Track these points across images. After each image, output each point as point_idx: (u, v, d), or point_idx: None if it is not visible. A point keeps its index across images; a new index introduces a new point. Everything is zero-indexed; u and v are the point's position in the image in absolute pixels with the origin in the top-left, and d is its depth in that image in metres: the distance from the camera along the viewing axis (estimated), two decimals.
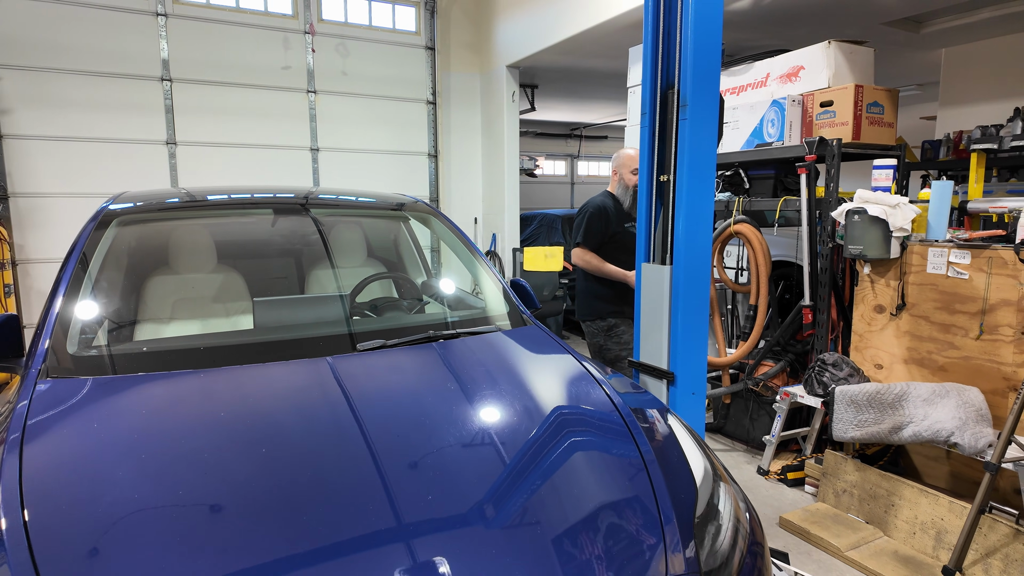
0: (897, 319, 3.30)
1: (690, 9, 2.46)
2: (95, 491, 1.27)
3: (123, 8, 5.52)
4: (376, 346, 1.94)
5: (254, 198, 2.75)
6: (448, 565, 1.16)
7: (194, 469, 1.35)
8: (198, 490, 1.29)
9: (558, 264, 6.16)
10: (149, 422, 1.52)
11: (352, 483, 1.33)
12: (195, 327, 2.22)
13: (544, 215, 7.90)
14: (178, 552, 1.13)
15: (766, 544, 1.56)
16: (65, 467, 1.34)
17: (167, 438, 1.46)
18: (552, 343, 2.20)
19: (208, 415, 1.57)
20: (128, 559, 1.11)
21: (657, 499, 1.44)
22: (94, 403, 1.59)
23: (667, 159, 2.67)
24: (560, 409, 1.76)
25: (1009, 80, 5.50)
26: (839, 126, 3.58)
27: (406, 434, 1.54)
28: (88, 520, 1.19)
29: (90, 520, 1.19)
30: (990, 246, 2.93)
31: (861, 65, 3.78)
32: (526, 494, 1.38)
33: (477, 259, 2.70)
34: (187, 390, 1.66)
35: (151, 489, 1.28)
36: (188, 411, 1.58)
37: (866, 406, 2.97)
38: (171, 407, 1.60)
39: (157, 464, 1.36)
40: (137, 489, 1.28)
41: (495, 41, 6.87)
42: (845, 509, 3.12)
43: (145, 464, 1.35)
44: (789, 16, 4.85)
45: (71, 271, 2.02)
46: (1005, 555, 2.48)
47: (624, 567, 1.28)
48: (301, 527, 1.21)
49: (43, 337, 1.81)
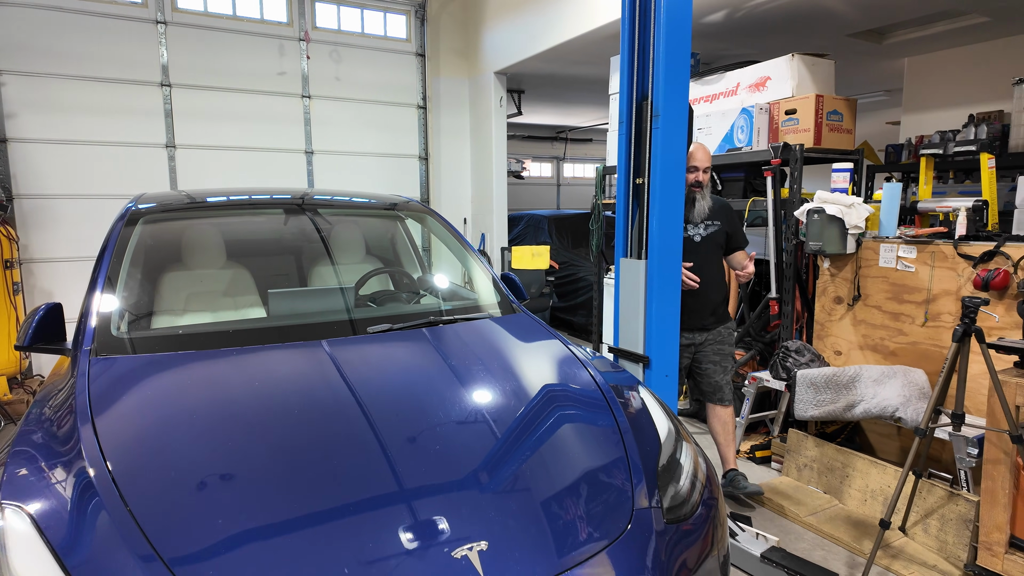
0: (853, 309, 3.61)
1: (662, 30, 2.74)
2: (157, 444, 1.52)
3: (124, 16, 5.72)
4: (384, 329, 2.19)
5: (264, 199, 2.99)
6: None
7: (236, 426, 1.60)
8: (241, 442, 1.54)
9: (544, 262, 6.46)
10: (193, 389, 1.77)
11: (365, 442, 1.58)
12: (218, 313, 2.46)
13: (531, 216, 8.18)
14: (231, 488, 1.39)
15: (720, 490, 1.84)
16: (128, 427, 1.58)
17: (210, 402, 1.71)
18: (540, 329, 2.46)
19: (242, 384, 1.82)
20: (195, 495, 1.36)
21: (628, 457, 1.71)
22: (143, 376, 1.83)
23: (642, 164, 2.95)
24: (548, 386, 2.02)
25: (966, 88, 5.87)
26: (802, 132, 3.89)
27: (410, 403, 1.80)
28: (157, 466, 1.44)
29: (158, 465, 1.44)
30: (933, 242, 3.25)
31: (822, 76, 4.09)
32: (518, 458, 1.63)
33: (469, 254, 2.96)
34: (221, 365, 1.91)
35: (202, 442, 1.53)
36: (226, 381, 1.83)
37: (824, 387, 3.28)
38: (210, 378, 1.85)
39: (205, 422, 1.61)
40: (191, 442, 1.52)
41: (483, 48, 7.14)
42: (806, 482, 3.42)
43: (195, 422, 1.60)
44: (760, 28, 5.16)
45: (108, 263, 2.26)
46: (941, 515, 2.79)
47: (600, 509, 1.54)
48: (329, 470, 1.46)
49: (89, 321, 2.04)
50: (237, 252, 2.73)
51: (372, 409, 1.70)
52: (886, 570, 2.68)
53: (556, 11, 5.71)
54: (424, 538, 1.32)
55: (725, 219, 3.27)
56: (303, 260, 2.88)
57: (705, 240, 3.22)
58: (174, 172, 6.04)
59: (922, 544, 2.84)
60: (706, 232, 3.23)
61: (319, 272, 2.84)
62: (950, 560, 2.71)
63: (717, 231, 3.24)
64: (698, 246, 3.21)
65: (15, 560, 1.18)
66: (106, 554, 1.20)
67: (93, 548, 1.22)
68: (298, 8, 6.47)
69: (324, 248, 2.89)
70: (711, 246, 3.23)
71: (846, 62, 6.48)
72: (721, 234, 3.25)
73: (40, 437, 1.55)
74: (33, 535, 1.23)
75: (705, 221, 3.23)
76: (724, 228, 3.25)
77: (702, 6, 4.64)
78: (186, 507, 1.34)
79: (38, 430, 1.58)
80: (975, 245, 3.08)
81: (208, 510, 1.33)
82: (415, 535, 1.33)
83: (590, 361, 2.20)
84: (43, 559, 1.19)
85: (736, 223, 3.34)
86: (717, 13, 4.83)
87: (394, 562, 1.27)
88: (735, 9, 4.75)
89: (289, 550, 1.26)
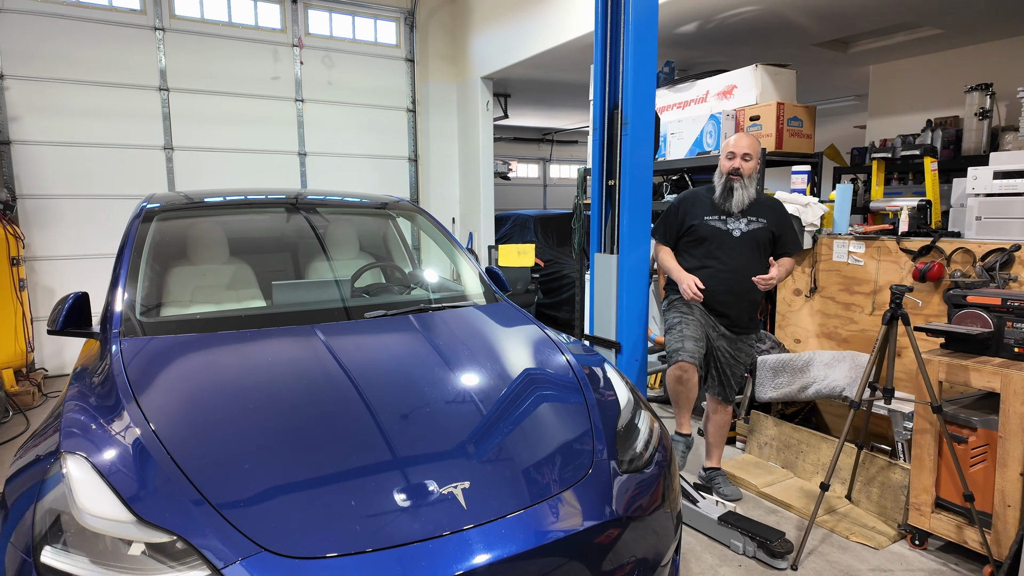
0: (810, 300, 3.93)
1: (630, 48, 3.04)
2: (188, 408, 1.78)
3: (123, 23, 5.93)
4: (380, 314, 2.46)
5: (267, 199, 3.26)
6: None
7: (255, 394, 1.87)
8: (261, 406, 1.81)
9: (530, 260, 6.74)
10: (214, 363, 2.03)
11: (364, 409, 1.85)
12: (228, 301, 2.71)
13: (518, 215, 8.46)
14: (255, 443, 1.65)
15: (673, 454, 2.12)
16: (162, 393, 1.84)
17: (230, 374, 1.97)
18: (520, 315, 2.74)
19: (258, 360, 2.08)
20: (226, 449, 1.63)
21: (592, 423, 1.98)
22: (169, 352, 2.08)
23: (614, 167, 3.25)
24: (525, 364, 2.30)
25: (925, 94, 6.23)
26: (765, 137, 4.20)
27: (403, 376, 2.07)
28: (190, 425, 1.70)
29: (191, 425, 1.70)
30: (879, 238, 3.57)
31: (784, 85, 4.41)
32: (497, 424, 1.90)
33: (457, 249, 3.23)
34: (237, 344, 2.17)
35: (227, 406, 1.80)
36: (243, 357, 2.09)
37: (781, 371, 3.59)
38: (228, 354, 2.11)
39: (228, 390, 1.87)
40: (217, 406, 1.79)
41: (470, 54, 7.42)
42: (766, 458, 3.73)
43: (219, 390, 1.87)
44: (730, 37, 5.48)
45: (129, 256, 2.50)
46: (881, 483, 3.10)
47: (566, 461, 1.82)
48: (336, 430, 1.73)
49: (116, 307, 2.29)
50: (245, 246, 3.00)
51: (368, 380, 1.98)
52: (831, 532, 2.98)
53: (539, 21, 6.00)
54: (416, 479, 1.60)
55: (774, 218, 3.06)
56: (304, 254, 3.14)
57: (745, 236, 3.02)
58: (172, 173, 6.27)
59: (865, 510, 3.15)
60: (748, 228, 3.03)
61: (318, 266, 3.11)
62: (887, 522, 3.02)
63: (761, 229, 3.03)
64: (736, 241, 3.01)
65: (81, 497, 1.44)
66: (161, 494, 1.46)
67: (147, 488, 1.48)
68: (292, 15, 6.71)
69: (321, 244, 3.15)
70: (751, 244, 3.02)
71: (815, 69, 6.84)
72: (765, 232, 3.03)
73: (87, 402, 1.80)
74: (95, 476, 1.48)
75: (748, 216, 3.02)
76: (770, 227, 3.04)
77: (675, 17, 4.95)
78: (220, 459, 1.59)
79: (84, 397, 1.84)
80: (914, 240, 3.40)
81: (239, 462, 1.59)
82: (408, 479, 1.60)
83: (563, 343, 2.48)
84: (105, 496, 1.44)
85: (787, 225, 3.10)
86: (690, 24, 5.14)
87: (392, 497, 1.54)
88: (706, 20, 5.06)
89: (310, 492, 1.53)
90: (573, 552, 1.59)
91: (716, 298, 3.04)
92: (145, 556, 1.35)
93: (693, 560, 2.73)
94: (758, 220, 3.04)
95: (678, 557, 2.08)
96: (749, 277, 2.97)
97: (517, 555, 1.48)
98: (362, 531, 1.45)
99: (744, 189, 3.03)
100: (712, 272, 3.04)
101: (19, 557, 1.38)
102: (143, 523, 1.39)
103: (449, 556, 1.43)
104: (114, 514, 1.41)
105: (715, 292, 3.02)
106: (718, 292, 3.03)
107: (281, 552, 1.37)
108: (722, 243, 3.01)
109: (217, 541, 1.37)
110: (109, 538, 1.38)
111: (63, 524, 1.40)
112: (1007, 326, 2.60)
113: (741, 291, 3.03)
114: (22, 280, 5.02)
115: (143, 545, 1.37)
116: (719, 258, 3.04)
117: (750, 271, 2.99)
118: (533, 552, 1.51)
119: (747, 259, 3.02)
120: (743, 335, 3.17)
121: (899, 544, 2.88)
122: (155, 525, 1.39)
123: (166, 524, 1.39)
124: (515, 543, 1.50)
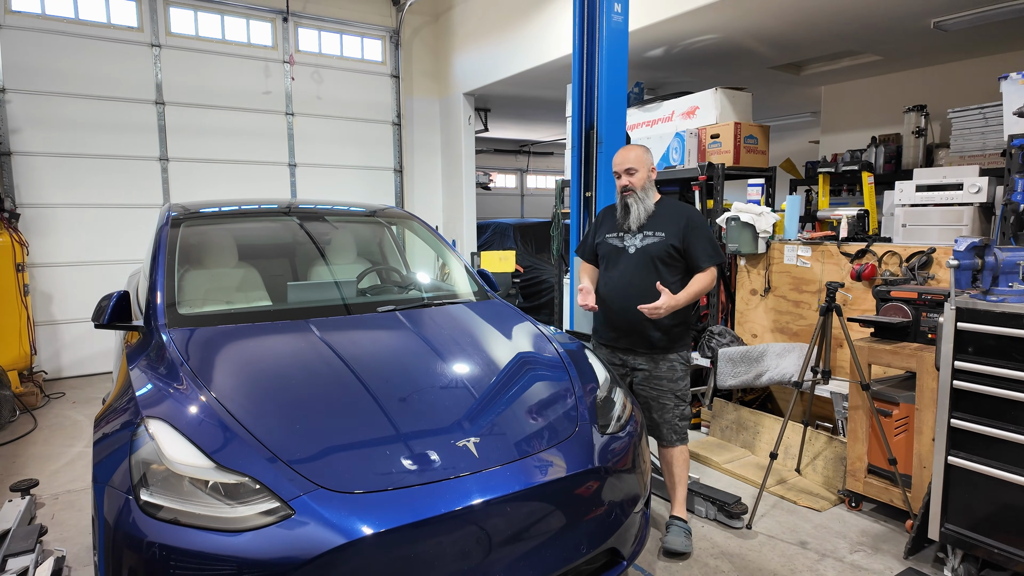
0: (765, 299, 4.39)
1: (603, 78, 3.47)
2: (236, 381, 2.12)
3: (121, 40, 6.20)
4: (389, 308, 2.83)
5: (276, 208, 3.60)
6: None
7: (290, 369, 2.23)
8: (297, 379, 2.16)
9: (510, 266, 7.15)
10: (252, 346, 2.38)
11: (386, 379, 2.22)
12: (252, 298, 3.04)
13: (498, 223, 8.86)
14: (300, 409, 2.01)
15: (642, 427, 2.51)
16: (212, 369, 2.17)
17: (267, 354, 2.33)
18: (511, 311, 3.12)
19: (287, 343, 2.43)
20: (281, 412, 1.98)
21: (576, 397, 2.37)
22: (214, 339, 2.41)
23: (591, 180, 3.67)
24: (521, 350, 2.68)
25: (872, 113, 6.83)
26: (724, 153, 4.68)
27: (411, 357, 2.45)
28: (242, 396, 2.04)
29: (243, 395, 2.04)
30: (823, 243, 4.05)
31: (741, 106, 4.90)
32: (500, 397, 2.29)
33: (449, 251, 3.61)
34: (267, 332, 2.51)
35: (268, 379, 2.15)
36: (274, 341, 2.44)
37: (739, 361, 4.03)
38: (262, 339, 2.45)
39: (266, 367, 2.23)
40: (264, 380, 2.14)
41: (452, 71, 7.82)
42: (727, 440, 4.17)
43: (259, 367, 2.22)
44: (694, 61, 5.98)
45: (164, 258, 2.82)
46: (825, 456, 3.56)
47: (555, 425, 2.20)
48: (362, 398, 2.10)
49: (158, 302, 2.60)
50: (266, 249, 3.38)
51: (385, 359, 2.36)
52: (782, 498, 3.42)
53: (518, 43, 6.44)
54: (434, 435, 1.97)
55: (674, 230, 2.80)
56: (314, 257, 3.49)
57: (639, 252, 2.84)
58: (167, 183, 6.52)
59: (811, 480, 3.60)
60: (642, 243, 2.85)
61: (330, 267, 3.45)
62: (830, 490, 3.47)
63: (657, 243, 2.81)
64: (630, 258, 2.86)
65: (168, 449, 1.77)
66: (231, 446, 1.81)
67: (219, 442, 1.82)
68: (282, 33, 7.04)
69: (329, 247, 3.51)
70: (645, 259, 2.83)
71: (773, 89, 7.41)
72: (662, 246, 2.80)
73: (152, 379, 2.13)
74: (176, 434, 1.82)
75: (645, 231, 2.85)
76: (668, 241, 2.79)
77: (645, 42, 5.42)
78: (273, 420, 1.94)
79: (148, 376, 2.17)
80: (852, 245, 3.88)
81: (290, 422, 1.94)
82: (430, 435, 1.98)
83: (551, 334, 2.87)
84: (187, 448, 1.78)
85: (696, 235, 2.80)
86: (657, 49, 5.62)
87: (418, 449, 1.91)
88: (672, 46, 5.55)
89: (351, 445, 1.89)
90: (563, 492, 1.98)
91: (611, 317, 2.94)
92: (221, 495, 1.70)
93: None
94: (654, 234, 2.83)
95: (648, 511, 2.47)
96: (643, 294, 2.77)
97: (520, 491, 1.87)
98: (396, 473, 1.82)
99: (639, 203, 2.85)
100: (607, 290, 2.93)
101: (120, 497, 1.71)
102: (221, 468, 1.74)
103: (468, 491, 1.81)
104: (197, 462, 1.75)
105: (610, 310, 2.92)
106: (612, 310, 2.91)
107: (335, 488, 1.73)
108: (616, 261, 2.90)
109: (284, 481, 1.72)
110: (194, 480, 1.72)
111: (155, 472, 1.74)
112: (923, 316, 3.07)
113: (635, 308, 2.76)
114: (26, 285, 5.24)
115: (221, 485, 1.71)
116: (613, 275, 2.91)
117: (644, 288, 2.79)
118: (533, 490, 1.90)
119: (641, 276, 2.82)
120: (661, 356, 2.88)
121: (839, 507, 3.33)
122: (232, 469, 1.74)
123: (241, 469, 1.74)
124: (518, 483, 1.88)
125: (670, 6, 4.74)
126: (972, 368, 2.43)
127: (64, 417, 4.90)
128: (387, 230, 4.24)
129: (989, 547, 2.43)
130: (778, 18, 4.78)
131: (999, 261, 2.36)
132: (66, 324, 6.10)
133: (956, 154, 4.32)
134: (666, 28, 5.04)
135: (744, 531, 3.07)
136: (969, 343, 2.43)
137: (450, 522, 1.76)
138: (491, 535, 1.82)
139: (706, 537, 3.02)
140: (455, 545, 1.76)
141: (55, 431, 4.57)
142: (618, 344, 2.96)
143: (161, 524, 1.64)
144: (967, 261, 2.39)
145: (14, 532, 2.83)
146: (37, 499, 3.41)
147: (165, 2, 6.40)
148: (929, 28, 4.89)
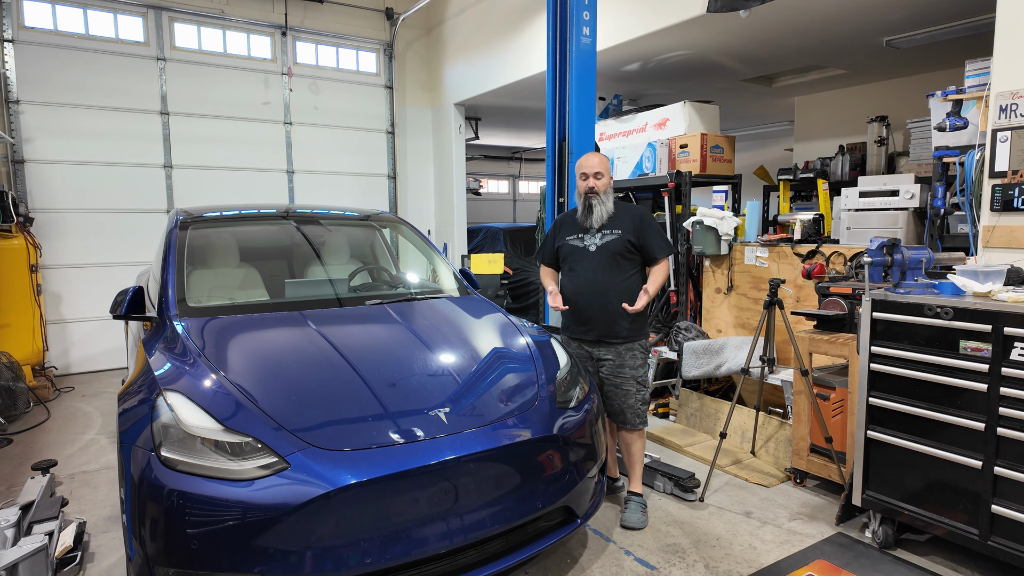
0: (728, 297, 4.74)
1: (574, 97, 3.82)
2: (244, 361, 2.46)
3: (128, 53, 6.55)
4: (377, 301, 3.17)
5: (275, 212, 3.95)
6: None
7: (290, 352, 2.56)
8: (298, 360, 2.50)
9: (499, 268, 7.50)
10: (255, 333, 2.72)
11: (370, 363, 2.56)
12: (253, 293, 3.38)
13: (488, 228, 9.21)
14: (298, 382, 2.35)
15: (598, 406, 2.84)
16: (222, 352, 2.51)
17: (269, 339, 2.67)
18: (488, 305, 3.46)
19: (284, 331, 2.77)
20: (279, 386, 2.31)
21: (539, 377, 2.71)
22: (220, 326, 2.75)
23: (563, 187, 4.02)
24: (492, 336, 3.02)
25: (840, 123, 7.20)
26: (692, 162, 5.03)
27: (395, 343, 2.78)
28: (249, 373, 2.38)
29: (250, 372, 2.38)
30: (779, 245, 4.40)
31: (708, 118, 5.26)
32: (471, 378, 2.62)
33: (434, 253, 3.95)
34: (268, 321, 2.85)
35: (270, 358, 2.49)
36: (274, 329, 2.78)
37: (702, 353, 4.38)
38: (264, 327, 2.79)
39: (269, 349, 2.57)
40: (264, 359, 2.48)
41: (444, 82, 8.19)
42: (692, 426, 4.51)
43: (262, 349, 2.56)
44: (669, 74, 6.35)
45: (174, 256, 3.16)
46: (776, 439, 3.90)
47: (519, 399, 2.53)
48: (352, 377, 2.44)
49: (170, 296, 2.94)
50: (268, 250, 3.71)
51: (371, 343, 2.69)
52: (735, 476, 3.75)
53: (506, 56, 6.80)
54: (411, 404, 2.32)
55: (629, 226, 3.08)
56: (310, 257, 3.83)
57: (600, 249, 3.09)
58: (171, 190, 6.86)
59: (763, 460, 3.94)
60: (602, 241, 3.10)
61: (325, 266, 3.79)
62: (779, 468, 3.81)
63: (615, 240, 3.07)
64: (592, 256, 3.10)
65: (184, 415, 2.11)
66: (238, 413, 2.14)
67: (228, 410, 2.15)
68: (281, 47, 7.39)
69: (324, 249, 3.85)
70: (606, 255, 3.08)
71: (749, 100, 7.79)
72: (620, 242, 3.06)
73: (168, 359, 2.47)
74: (190, 403, 2.16)
75: (604, 230, 3.10)
76: (625, 237, 3.06)
77: (621, 57, 5.78)
78: (272, 392, 2.27)
79: (164, 357, 2.50)
80: (804, 246, 4.23)
81: (287, 394, 2.27)
82: (407, 405, 2.32)
83: (521, 324, 3.21)
84: (200, 414, 2.11)
85: (648, 230, 3.09)
86: (633, 64, 5.99)
87: (400, 415, 2.25)
88: (647, 60, 5.91)
89: (340, 414, 2.23)
90: (522, 455, 2.32)
91: (579, 312, 3.15)
92: (227, 452, 2.03)
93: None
94: (612, 232, 3.09)
95: (603, 480, 2.81)
96: (609, 287, 3.06)
97: (485, 451, 2.21)
98: (377, 435, 2.16)
99: (602, 205, 3.09)
100: (573, 287, 3.16)
101: (145, 455, 2.05)
102: (228, 430, 2.08)
103: (440, 449, 2.15)
104: (208, 424, 2.09)
105: (577, 306, 3.15)
106: (580, 306, 3.14)
107: (326, 447, 2.07)
108: (580, 259, 3.12)
109: (281, 441, 2.06)
110: (205, 440, 2.05)
111: (173, 434, 2.07)
112: (856, 310, 3.42)
113: (602, 301, 3.06)
114: (39, 285, 5.57)
115: (228, 444, 2.05)
116: (577, 272, 3.14)
117: (608, 282, 3.07)
118: (496, 451, 2.24)
119: (603, 271, 3.08)
120: (624, 346, 3.13)
121: (786, 484, 3.66)
122: (237, 431, 2.08)
123: (245, 431, 2.08)
124: (482, 444, 2.23)
125: (643, 25, 5.10)
126: (885, 352, 2.77)
127: (75, 408, 5.22)
128: (379, 233, 4.58)
129: (904, 510, 2.77)
130: (743, 37, 5.14)
131: (905, 258, 2.70)
132: (75, 323, 6.43)
133: (915, 162, 4.68)
134: (640, 45, 5.40)
135: (696, 503, 3.41)
136: (882, 330, 2.78)
137: (423, 476, 2.09)
138: (458, 488, 2.15)
139: (661, 508, 3.35)
140: (427, 496, 2.10)
141: (67, 420, 4.90)
142: (587, 337, 3.20)
143: (178, 475, 1.98)
144: (878, 258, 2.74)
145: (39, 503, 3.16)
146: (56, 479, 3.73)
147: (170, 18, 6.75)
148: (882, 46, 5.26)
